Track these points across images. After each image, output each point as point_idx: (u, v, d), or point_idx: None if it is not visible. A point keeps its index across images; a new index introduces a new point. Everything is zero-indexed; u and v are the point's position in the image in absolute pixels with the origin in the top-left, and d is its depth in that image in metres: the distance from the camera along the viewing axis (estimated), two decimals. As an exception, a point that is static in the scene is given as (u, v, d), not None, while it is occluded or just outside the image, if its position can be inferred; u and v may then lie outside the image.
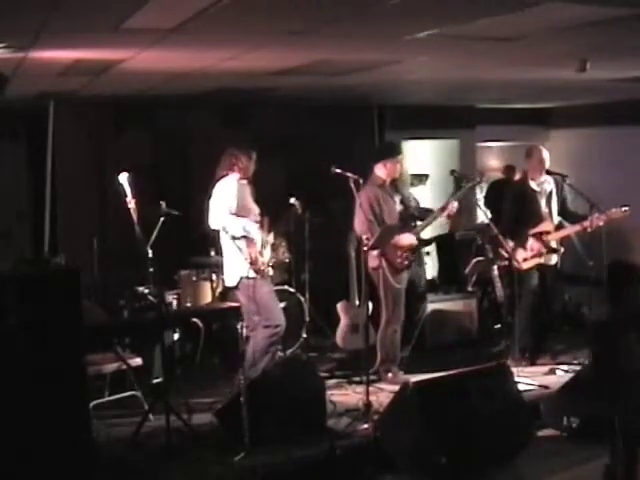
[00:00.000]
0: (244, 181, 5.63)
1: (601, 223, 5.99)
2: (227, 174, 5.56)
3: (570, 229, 6.25)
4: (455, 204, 5.91)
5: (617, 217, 6.02)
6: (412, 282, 6.09)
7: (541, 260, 6.22)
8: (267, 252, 5.61)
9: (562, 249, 6.25)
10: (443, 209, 5.96)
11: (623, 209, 6.02)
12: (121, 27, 3.51)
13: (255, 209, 5.65)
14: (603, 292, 5.08)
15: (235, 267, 5.48)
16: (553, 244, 6.21)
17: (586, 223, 6.03)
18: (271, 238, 5.71)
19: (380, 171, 5.94)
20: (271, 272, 5.67)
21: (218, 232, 5.56)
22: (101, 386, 5.32)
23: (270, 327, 5.42)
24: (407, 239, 5.88)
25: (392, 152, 5.99)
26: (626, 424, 3.98)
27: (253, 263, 5.40)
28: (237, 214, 5.42)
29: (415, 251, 5.95)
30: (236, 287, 5.51)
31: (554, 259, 6.30)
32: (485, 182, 9.22)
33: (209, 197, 5.47)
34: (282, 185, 7.23)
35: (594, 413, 4.61)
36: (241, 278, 5.44)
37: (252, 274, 5.40)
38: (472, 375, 4.83)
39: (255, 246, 5.45)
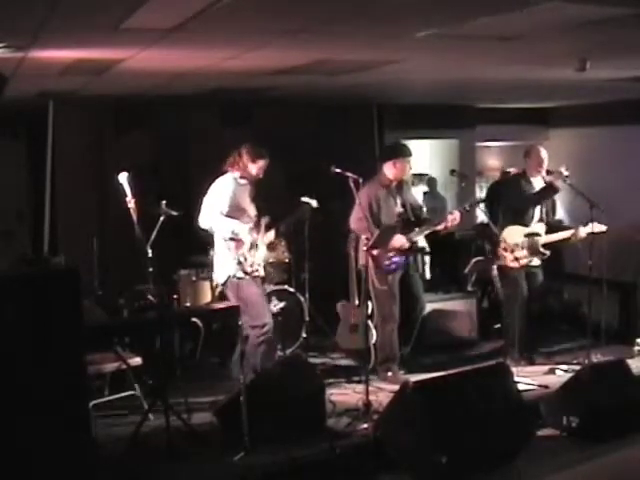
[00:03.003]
0: (243, 181, 5.62)
1: (584, 235, 5.99)
2: (227, 171, 5.57)
3: (559, 235, 6.23)
4: (457, 218, 5.82)
5: (598, 232, 6.00)
6: (409, 281, 6.08)
7: (531, 260, 6.21)
8: (259, 253, 5.61)
9: (548, 253, 6.24)
10: (439, 223, 5.92)
11: (602, 227, 5.99)
12: (121, 27, 3.51)
13: (251, 211, 5.65)
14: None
15: (224, 265, 5.53)
16: (540, 247, 6.20)
17: (570, 233, 6.06)
18: (267, 238, 5.70)
19: (389, 170, 5.94)
20: (262, 272, 5.67)
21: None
22: (101, 386, 5.32)
23: (257, 327, 5.46)
24: (397, 241, 5.86)
25: (403, 152, 5.98)
26: None
27: (241, 264, 5.44)
28: (228, 214, 5.44)
29: (405, 255, 5.93)
30: (224, 284, 5.57)
31: (536, 260, 6.30)
32: (485, 183, 9.27)
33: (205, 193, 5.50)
34: (282, 185, 7.23)
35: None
36: (229, 277, 5.50)
37: (240, 274, 5.44)
38: (472, 375, 4.83)
39: (243, 247, 5.46)
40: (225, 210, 5.44)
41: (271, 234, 5.72)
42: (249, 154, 5.56)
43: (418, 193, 8.37)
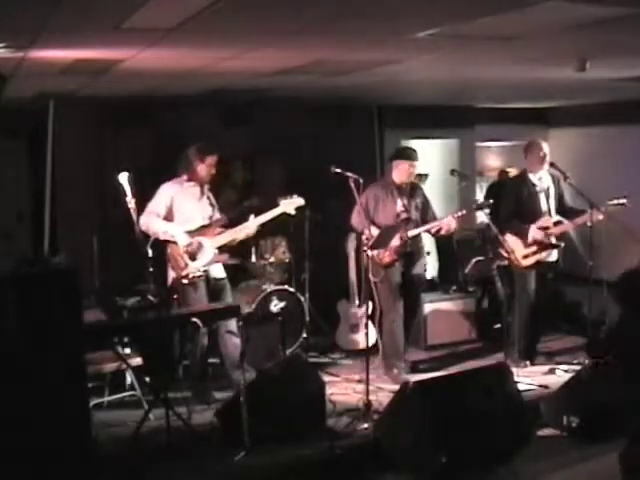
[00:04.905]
0: (189, 183, 5.51)
1: (601, 217, 5.97)
2: (178, 175, 5.51)
3: (570, 224, 6.22)
4: (452, 225, 5.82)
5: (616, 209, 6.00)
6: (410, 280, 6.07)
7: (541, 257, 6.20)
8: (204, 255, 5.45)
9: (562, 244, 6.22)
10: (434, 226, 5.91)
11: (622, 200, 5.99)
12: (121, 27, 3.51)
13: (202, 212, 5.54)
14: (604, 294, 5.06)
15: (169, 269, 5.49)
16: (553, 240, 6.18)
17: (585, 217, 6.01)
18: (220, 240, 5.49)
19: (392, 171, 5.97)
20: (218, 274, 5.58)
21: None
22: (101, 386, 5.32)
23: None
24: (394, 240, 5.85)
25: (406, 154, 5.98)
26: None
27: (174, 268, 5.40)
28: (165, 218, 5.38)
29: (399, 252, 5.92)
30: (171, 286, 5.51)
31: (554, 256, 6.28)
32: (485, 182, 9.28)
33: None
34: (282, 185, 7.23)
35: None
36: (173, 279, 5.46)
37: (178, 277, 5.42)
38: (472, 375, 4.84)
39: (178, 251, 5.38)
40: (162, 213, 5.38)
41: (224, 236, 5.50)
42: (196, 155, 5.46)
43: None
